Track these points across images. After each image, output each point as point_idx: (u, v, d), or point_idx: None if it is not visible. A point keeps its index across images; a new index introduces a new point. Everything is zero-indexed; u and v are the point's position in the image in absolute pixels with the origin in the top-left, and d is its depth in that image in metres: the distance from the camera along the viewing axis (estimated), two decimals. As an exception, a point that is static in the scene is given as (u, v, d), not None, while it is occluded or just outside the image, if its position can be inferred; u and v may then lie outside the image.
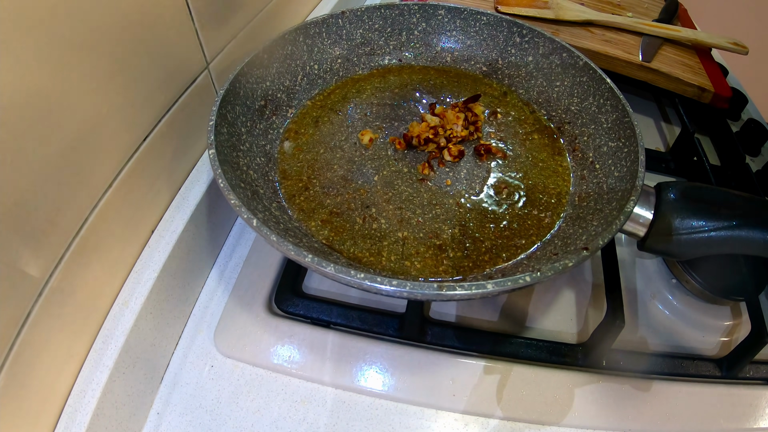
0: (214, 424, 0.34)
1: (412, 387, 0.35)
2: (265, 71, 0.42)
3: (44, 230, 0.26)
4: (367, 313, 0.38)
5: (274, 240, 0.27)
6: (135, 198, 0.33)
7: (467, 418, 0.35)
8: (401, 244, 0.35)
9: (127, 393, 0.32)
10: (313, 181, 0.39)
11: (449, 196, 0.39)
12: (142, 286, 0.33)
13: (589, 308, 0.41)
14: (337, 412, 0.35)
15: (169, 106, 0.35)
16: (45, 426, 0.28)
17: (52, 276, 0.27)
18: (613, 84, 0.40)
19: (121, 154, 0.31)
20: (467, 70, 0.50)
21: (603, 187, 0.37)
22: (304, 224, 0.36)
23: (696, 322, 0.41)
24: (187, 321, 0.39)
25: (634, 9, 0.65)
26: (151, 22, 0.31)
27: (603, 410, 0.35)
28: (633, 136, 0.36)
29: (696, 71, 0.55)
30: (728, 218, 0.32)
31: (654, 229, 0.33)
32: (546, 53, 0.46)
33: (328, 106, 0.46)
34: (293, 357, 0.36)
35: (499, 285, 0.26)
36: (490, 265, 0.35)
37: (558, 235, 0.36)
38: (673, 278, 0.44)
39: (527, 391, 0.35)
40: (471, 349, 0.37)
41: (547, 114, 0.46)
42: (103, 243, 0.31)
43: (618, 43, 0.56)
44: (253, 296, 0.39)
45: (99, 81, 0.28)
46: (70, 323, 0.29)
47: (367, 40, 0.49)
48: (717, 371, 0.37)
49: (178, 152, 0.38)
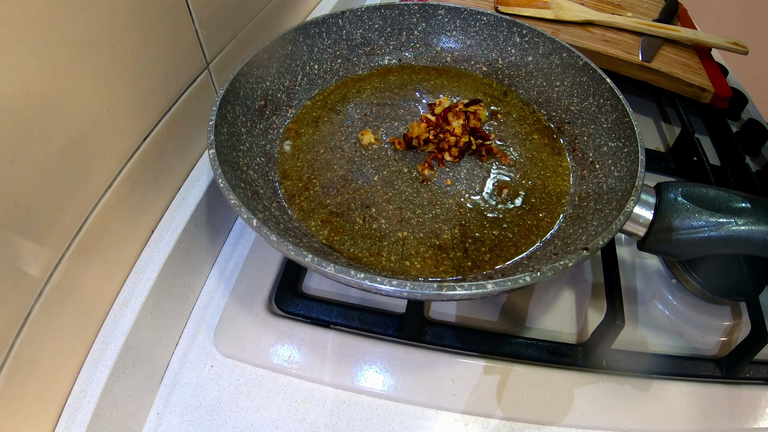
0: (214, 424, 0.34)
1: (412, 387, 0.35)
2: (265, 71, 0.42)
3: (44, 230, 0.26)
4: (367, 313, 0.38)
5: (274, 240, 0.27)
6: (135, 198, 0.33)
7: (467, 418, 0.35)
8: (401, 244, 0.35)
9: (127, 393, 0.32)
10: (313, 181, 0.39)
11: (449, 196, 0.39)
12: (142, 286, 0.33)
13: (589, 308, 0.41)
14: (337, 412, 0.35)
15: (169, 106, 0.35)
16: (45, 426, 0.28)
17: (52, 276, 0.27)
18: (613, 84, 0.40)
19: (121, 154, 0.31)
20: (467, 70, 0.50)
21: (603, 187, 0.37)
22: (304, 224, 0.36)
23: (696, 322, 0.41)
24: (187, 321, 0.39)
25: (634, 9, 0.65)
26: (151, 22, 0.31)
27: (603, 410, 0.35)
28: (633, 136, 0.36)
29: (696, 71, 0.55)
30: (728, 218, 0.32)
31: (654, 229, 0.33)
32: (546, 53, 0.46)
33: (328, 106, 0.46)
34: (293, 357, 0.36)
35: (499, 285, 0.26)
36: (490, 265, 0.35)
37: (558, 235, 0.36)
38: (673, 278, 0.44)
39: (527, 391, 0.35)
40: (471, 349, 0.37)
41: (547, 114, 0.46)
42: (103, 243, 0.31)
43: (618, 43, 0.56)
44: (253, 296, 0.39)
45: (99, 81, 0.28)
46: (70, 323, 0.29)
47: (367, 40, 0.49)
48: (717, 371, 0.37)
49: (178, 152, 0.38)
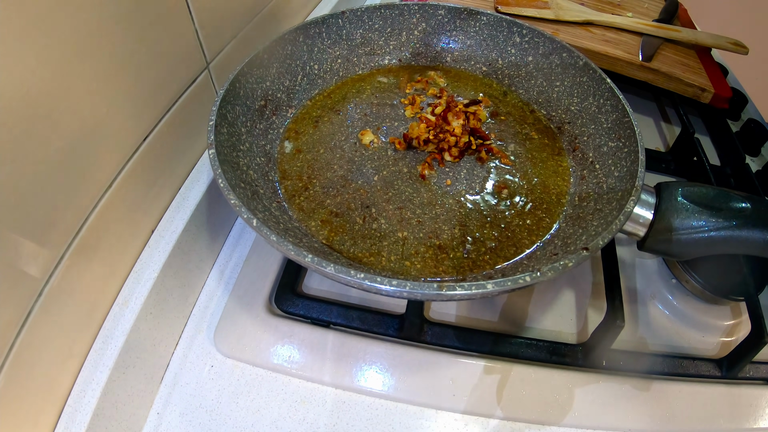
0: (214, 424, 0.34)
1: (412, 387, 0.35)
2: (265, 71, 0.42)
3: (44, 230, 0.26)
4: (367, 313, 0.38)
5: (274, 240, 0.27)
6: (135, 198, 0.33)
7: (467, 418, 0.35)
8: (401, 244, 0.35)
9: (127, 393, 0.32)
10: (313, 181, 0.39)
11: (449, 196, 0.39)
12: (142, 286, 0.33)
13: (589, 308, 0.41)
14: (337, 412, 0.35)
15: (169, 106, 0.35)
16: (45, 426, 0.28)
17: (52, 276, 0.27)
18: (613, 84, 0.40)
19: (121, 154, 0.31)
20: (467, 70, 0.50)
21: (603, 187, 0.37)
22: (304, 224, 0.36)
23: (696, 322, 0.41)
24: (187, 321, 0.39)
25: (634, 9, 0.65)
26: (151, 22, 0.31)
27: (603, 410, 0.35)
28: (633, 136, 0.36)
29: (696, 71, 0.55)
30: (728, 218, 0.32)
31: (654, 229, 0.33)
32: (546, 53, 0.46)
33: (328, 106, 0.46)
34: (293, 357, 0.36)
35: (499, 285, 0.26)
36: (490, 265, 0.35)
37: (558, 235, 0.36)
38: (673, 278, 0.44)
39: (527, 391, 0.35)
40: (471, 349, 0.37)
41: (547, 114, 0.46)
42: (103, 243, 0.31)
43: (618, 43, 0.56)
44: (253, 296, 0.39)
45: (99, 81, 0.28)
46: (70, 323, 0.29)
47: (367, 40, 0.49)
48: (717, 371, 0.37)
49: (178, 152, 0.38)
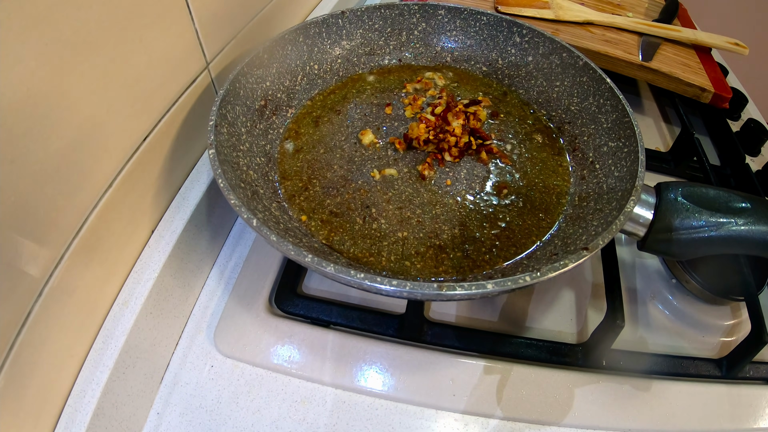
0: (214, 424, 0.34)
1: (412, 387, 0.35)
2: (265, 71, 0.42)
3: (44, 230, 0.26)
4: (367, 313, 0.38)
5: (274, 240, 0.27)
6: (135, 198, 0.33)
7: (467, 418, 0.35)
8: (401, 244, 0.35)
9: (127, 393, 0.32)
10: (313, 181, 0.39)
11: (449, 196, 0.39)
12: (142, 286, 0.33)
13: (589, 308, 0.41)
14: (337, 412, 0.35)
15: (169, 106, 0.35)
16: (45, 426, 0.28)
17: (52, 276, 0.27)
18: (613, 84, 0.40)
19: (121, 154, 0.31)
20: (467, 70, 0.50)
21: (603, 187, 0.37)
22: (304, 224, 0.36)
23: (696, 322, 0.41)
24: (187, 321, 0.39)
25: (634, 9, 0.65)
26: (151, 22, 0.31)
27: (603, 410, 0.35)
28: (633, 136, 0.36)
29: (696, 71, 0.55)
30: (728, 218, 0.32)
31: (654, 229, 0.33)
32: (546, 53, 0.46)
33: (328, 106, 0.46)
34: (293, 357, 0.36)
35: (499, 285, 0.26)
36: (490, 265, 0.35)
37: (558, 235, 0.36)
38: (673, 278, 0.44)
39: (527, 391, 0.35)
40: (471, 349, 0.37)
41: (547, 114, 0.46)
42: (103, 243, 0.31)
43: (618, 43, 0.56)
44: (253, 296, 0.39)
45: (99, 81, 0.28)
46: (70, 323, 0.29)
47: (367, 40, 0.49)
48: (717, 371, 0.37)
49: (178, 152, 0.38)
